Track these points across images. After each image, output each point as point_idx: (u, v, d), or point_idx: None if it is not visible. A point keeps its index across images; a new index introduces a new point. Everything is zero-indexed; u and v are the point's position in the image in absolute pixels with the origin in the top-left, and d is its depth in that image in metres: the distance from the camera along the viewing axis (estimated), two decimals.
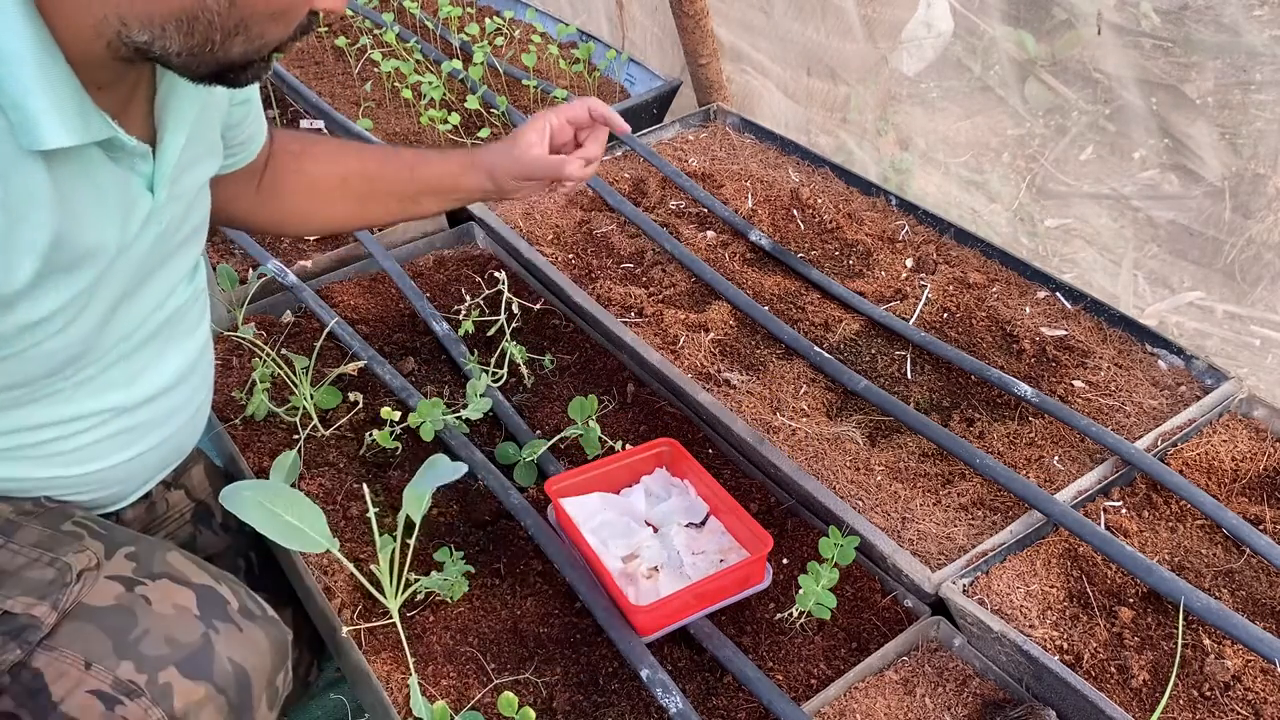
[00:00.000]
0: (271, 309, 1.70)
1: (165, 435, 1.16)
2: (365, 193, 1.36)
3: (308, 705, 1.43)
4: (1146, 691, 1.05)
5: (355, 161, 1.36)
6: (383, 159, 1.37)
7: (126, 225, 0.95)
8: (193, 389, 1.20)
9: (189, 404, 1.20)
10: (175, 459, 1.24)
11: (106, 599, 0.96)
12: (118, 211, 0.94)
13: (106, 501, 1.17)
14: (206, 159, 1.10)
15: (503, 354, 1.51)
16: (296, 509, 0.93)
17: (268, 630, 1.02)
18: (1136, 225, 1.96)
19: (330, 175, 1.36)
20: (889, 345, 1.52)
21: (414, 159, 1.37)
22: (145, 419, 1.12)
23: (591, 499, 1.28)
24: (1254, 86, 1.76)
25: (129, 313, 1.03)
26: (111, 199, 0.93)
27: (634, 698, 1.11)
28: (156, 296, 1.08)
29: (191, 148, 1.03)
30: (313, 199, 1.37)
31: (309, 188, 1.36)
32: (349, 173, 1.35)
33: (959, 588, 1.13)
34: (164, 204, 1.00)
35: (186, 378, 1.17)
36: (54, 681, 0.91)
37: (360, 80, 2.34)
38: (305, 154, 1.35)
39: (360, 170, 1.35)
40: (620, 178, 1.92)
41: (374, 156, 1.38)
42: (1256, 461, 1.28)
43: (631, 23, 2.44)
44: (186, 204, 1.07)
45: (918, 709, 1.07)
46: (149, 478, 1.21)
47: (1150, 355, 1.44)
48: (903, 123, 2.25)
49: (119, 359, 1.06)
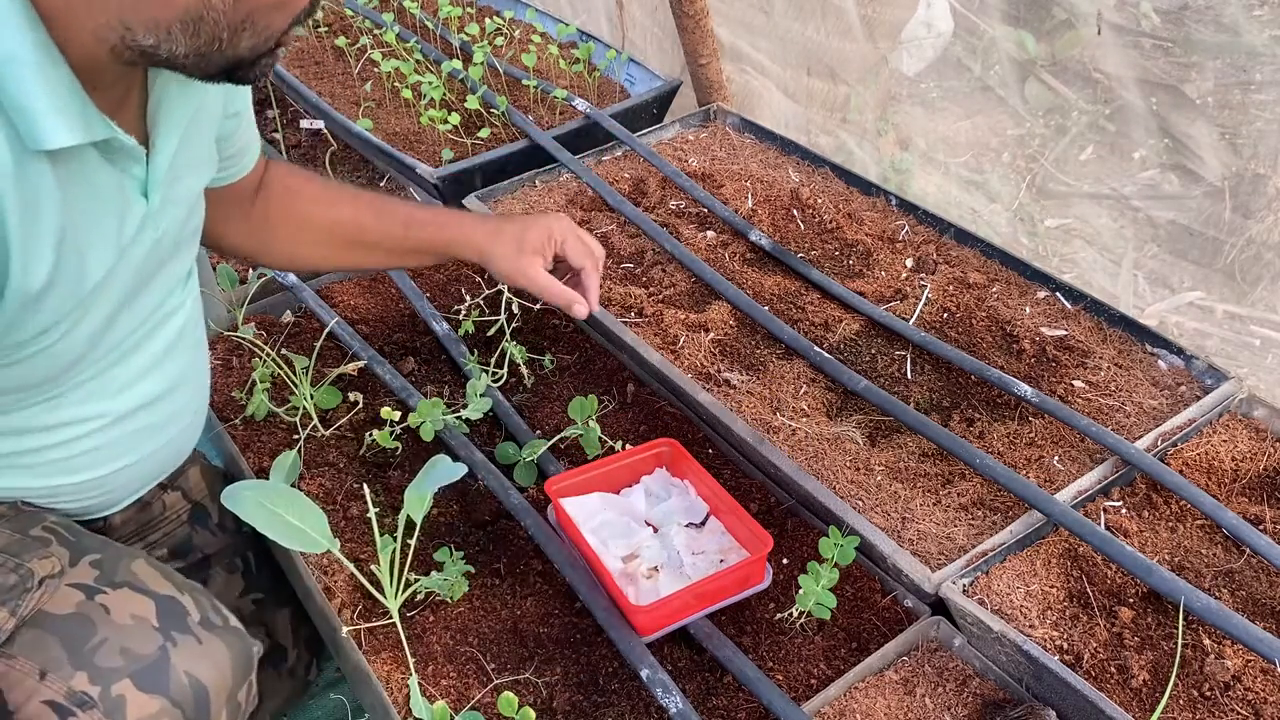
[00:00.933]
0: (271, 309, 1.70)
1: (160, 443, 1.16)
2: (353, 241, 1.37)
3: (308, 705, 1.43)
4: (1146, 691, 1.05)
5: (349, 209, 1.35)
6: (377, 212, 1.36)
7: (123, 228, 0.96)
8: (188, 396, 1.19)
9: (184, 411, 1.19)
10: (171, 465, 1.24)
11: (66, 607, 0.94)
12: (114, 214, 0.94)
13: (97, 509, 1.16)
14: (200, 168, 1.09)
15: (503, 354, 1.51)
16: (297, 509, 0.92)
17: (230, 643, 1.00)
18: (1136, 225, 1.96)
19: (323, 218, 1.35)
20: (889, 345, 1.52)
21: (408, 218, 1.36)
22: (140, 426, 1.12)
23: (591, 499, 1.28)
24: (1254, 86, 1.76)
25: (126, 318, 1.03)
26: (108, 202, 0.93)
27: (634, 698, 1.11)
28: (152, 301, 1.08)
29: (184, 154, 1.03)
30: (300, 237, 1.36)
31: (299, 225, 1.36)
32: (341, 219, 1.35)
33: (959, 588, 1.13)
34: (158, 208, 1.00)
35: (181, 385, 1.16)
36: (10, 690, 0.89)
37: (360, 80, 2.34)
38: (301, 192, 1.35)
39: (353, 219, 1.35)
40: (620, 178, 1.92)
41: (369, 207, 1.36)
42: (1256, 461, 1.28)
43: (631, 23, 2.44)
44: (182, 211, 1.06)
45: (918, 709, 1.07)
46: (144, 484, 1.21)
47: (1150, 355, 1.44)
48: (903, 123, 2.26)
49: (114, 364, 1.06)
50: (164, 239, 1.03)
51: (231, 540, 1.37)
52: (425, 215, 1.38)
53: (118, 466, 1.12)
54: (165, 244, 1.04)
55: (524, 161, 1.97)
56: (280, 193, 1.35)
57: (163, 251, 1.05)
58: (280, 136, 2.18)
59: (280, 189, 1.35)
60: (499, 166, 1.95)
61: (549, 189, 1.90)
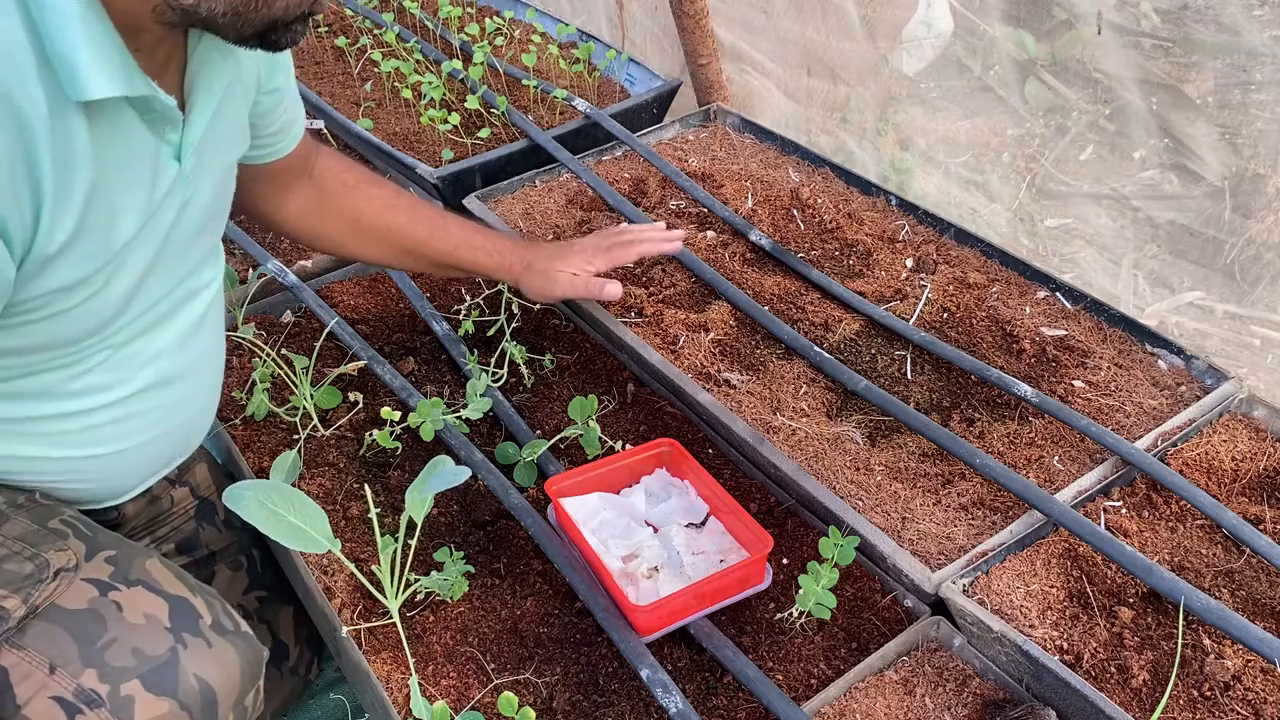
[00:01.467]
0: (271, 309, 1.70)
1: (173, 425, 1.17)
2: (404, 250, 1.43)
3: (307, 705, 1.43)
4: (1146, 691, 1.05)
5: (405, 220, 1.41)
6: (430, 229, 1.42)
7: (153, 191, 0.97)
8: (204, 382, 1.20)
9: (199, 396, 1.20)
10: (179, 454, 1.24)
11: (79, 602, 0.94)
12: (146, 175, 0.96)
13: (106, 495, 1.17)
14: (232, 143, 1.12)
15: (503, 354, 1.51)
16: (298, 509, 0.93)
17: (240, 648, 1.00)
18: (1136, 225, 1.96)
19: (378, 222, 1.41)
20: (889, 345, 1.52)
21: (458, 239, 1.43)
22: (157, 404, 1.12)
23: (591, 499, 1.28)
24: (1254, 86, 1.76)
25: (156, 284, 1.05)
26: (141, 162, 0.95)
27: (634, 698, 1.11)
28: (181, 271, 1.09)
29: (219, 124, 1.05)
30: (353, 235, 1.41)
31: (353, 223, 1.40)
32: (397, 227, 1.41)
33: (959, 588, 1.13)
34: (189, 175, 1.02)
35: (199, 369, 1.18)
36: (19, 683, 0.89)
37: (360, 80, 2.34)
38: (358, 191, 1.40)
39: (408, 230, 1.41)
40: (620, 178, 1.92)
41: (423, 223, 1.42)
42: (1256, 461, 1.28)
43: (631, 22, 2.44)
44: (213, 183, 1.08)
45: (918, 709, 1.07)
46: (152, 471, 1.21)
47: (1150, 355, 1.44)
48: (903, 123, 2.25)
49: (142, 333, 1.07)
50: (192, 206, 1.05)
51: (237, 537, 1.37)
52: (473, 237, 1.45)
53: (131, 444, 1.12)
54: (194, 212, 1.06)
55: (524, 161, 1.97)
56: (335, 186, 1.39)
57: (191, 219, 1.06)
58: None
59: (335, 183, 1.39)
60: (499, 166, 1.95)
61: (549, 189, 1.90)
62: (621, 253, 1.48)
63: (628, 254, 1.49)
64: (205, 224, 1.11)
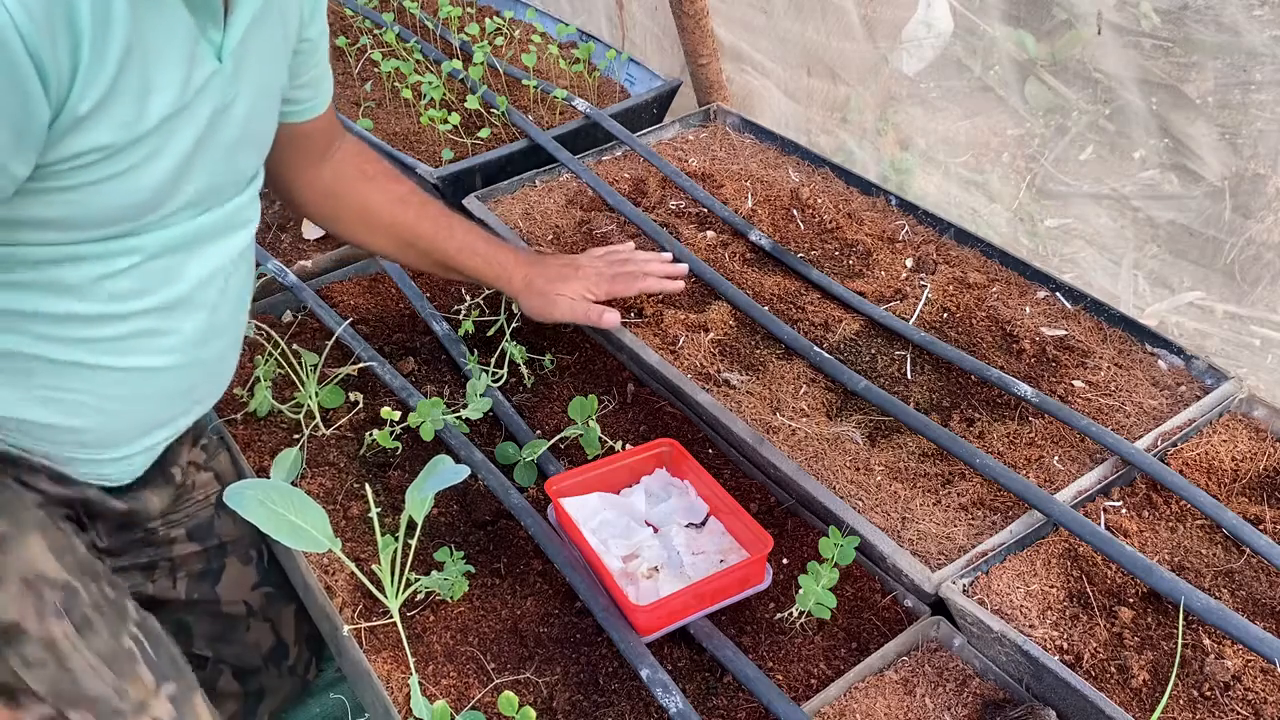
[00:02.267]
0: (271, 309, 1.70)
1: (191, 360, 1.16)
2: (407, 243, 1.47)
3: (307, 704, 1.43)
4: (1146, 691, 1.05)
5: (413, 216, 1.45)
6: (435, 228, 1.45)
7: (190, 77, 0.99)
8: (228, 327, 1.21)
9: (222, 339, 1.21)
10: (191, 408, 1.23)
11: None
12: (184, 59, 0.97)
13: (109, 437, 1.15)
14: (273, 63, 1.15)
15: (503, 354, 1.51)
16: (299, 508, 0.93)
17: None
18: (1136, 225, 1.96)
19: (385, 214, 1.45)
20: (889, 345, 1.52)
21: (461, 243, 1.46)
22: (178, 329, 1.13)
23: (591, 499, 1.28)
24: (1254, 86, 1.76)
25: (188, 188, 1.06)
26: (179, 45, 0.96)
27: (634, 698, 1.11)
28: (218, 185, 1.10)
29: (259, 37, 1.07)
30: (361, 223, 1.46)
31: (361, 210, 1.45)
32: (403, 222, 1.45)
33: (959, 588, 1.13)
34: (229, 77, 1.04)
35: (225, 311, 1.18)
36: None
37: (360, 80, 2.34)
38: (373, 182, 1.44)
39: (413, 226, 1.45)
40: (620, 178, 1.92)
41: (429, 220, 1.46)
42: (1256, 461, 1.28)
43: (631, 22, 2.44)
44: (252, 95, 1.09)
45: (918, 709, 1.07)
46: (157, 422, 1.20)
47: (1150, 355, 1.44)
48: (903, 123, 2.26)
49: (171, 247, 1.07)
50: (233, 112, 1.07)
51: (249, 530, 1.37)
52: (477, 244, 1.47)
53: (146, 365, 1.11)
54: (234, 119, 1.07)
55: (524, 161, 1.97)
56: (354, 174, 1.43)
57: (231, 127, 1.08)
58: None
59: (354, 170, 1.44)
60: (499, 166, 1.95)
61: (549, 189, 1.90)
62: (625, 285, 1.50)
63: (630, 288, 1.51)
64: (245, 138, 1.12)
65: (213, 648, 1.36)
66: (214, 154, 1.07)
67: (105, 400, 1.11)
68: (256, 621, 1.38)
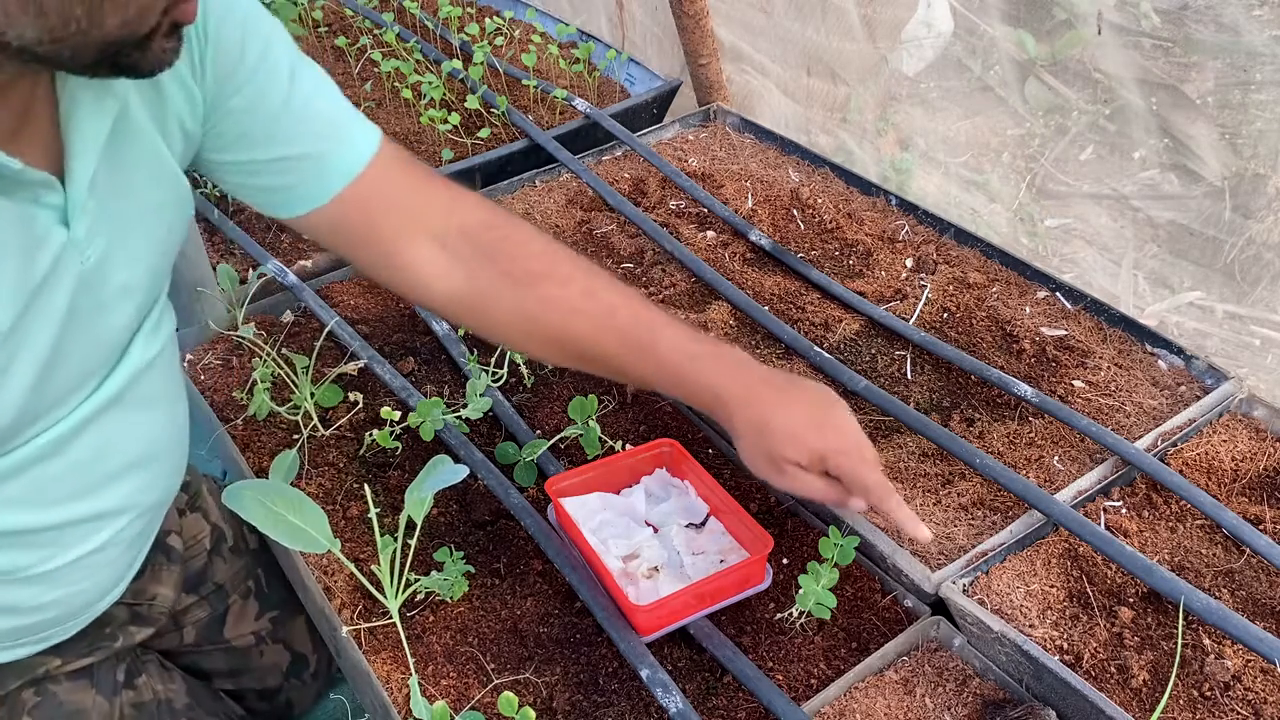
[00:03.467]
0: (271, 309, 1.70)
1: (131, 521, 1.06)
2: (582, 357, 1.11)
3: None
4: (1146, 691, 1.05)
5: (587, 329, 1.07)
6: (620, 345, 1.07)
7: (33, 264, 0.82)
8: (161, 468, 1.07)
9: (161, 479, 1.08)
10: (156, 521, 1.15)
11: None
12: (14, 255, 0.81)
13: (67, 617, 1.06)
14: (152, 183, 0.94)
15: (503, 354, 1.51)
16: (298, 509, 0.93)
17: None
18: (1136, 225, 1.96)
19: (551, 329, 1.08)
20: (889, 345, 1.52)
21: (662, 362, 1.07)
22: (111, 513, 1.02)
23: (591, 499, 1.28)
24: (1254, 86, 1.76)
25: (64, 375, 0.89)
26: (8, 237, 0.80)
27: (634, 698, 1.11)
28: (100, 356, 0.94)
29: (113, 172, 0.88)
30: (517, 335, 1.12)
31: (520, 325, 1.09)
32: (577, 338, 1.08)
33: (959, 588, 1.13)
34: (85, 238, 0.86)
35: (155, 455, 1.05)
36: None
37: (360, 80, 2.34)
38: (530, 287, 1.06)
39: (593, 343, 1.08)
40: (620, 178, 1.92)
41: (611, 338, 1.07)
42: (1256, 461, 1.28)
43: (631, 22, 2.44)
44: (130, 236, 0.92)
45: (918, 709, 1.07)
46: (120, 578, 1.11)
47: (1150, 355, 1.44)
48: (903, 123, 2.26)
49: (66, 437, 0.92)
50: (96, 273, 0.89)
51: (244, 562, 1.35)
52: (684, 360, 1.07)
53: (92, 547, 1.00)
54: (99, 279, 0.89)
55: (524, 161, 1.97)
56: (515, 275, 1.07)
57: (99, 289, 0.90)
58: None
59: (515, 270, 1.07)
60: (499, 166, 1.95)
61: (549, 189, 1.90)
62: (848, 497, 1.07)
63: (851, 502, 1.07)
64: (125, 292, 0.93)
65: (232, 681, 1.35)
66: (87, 331, 0.89)
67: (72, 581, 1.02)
68: (269, 645, 1.36)
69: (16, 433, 0.87)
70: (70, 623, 1.07)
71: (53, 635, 1.06)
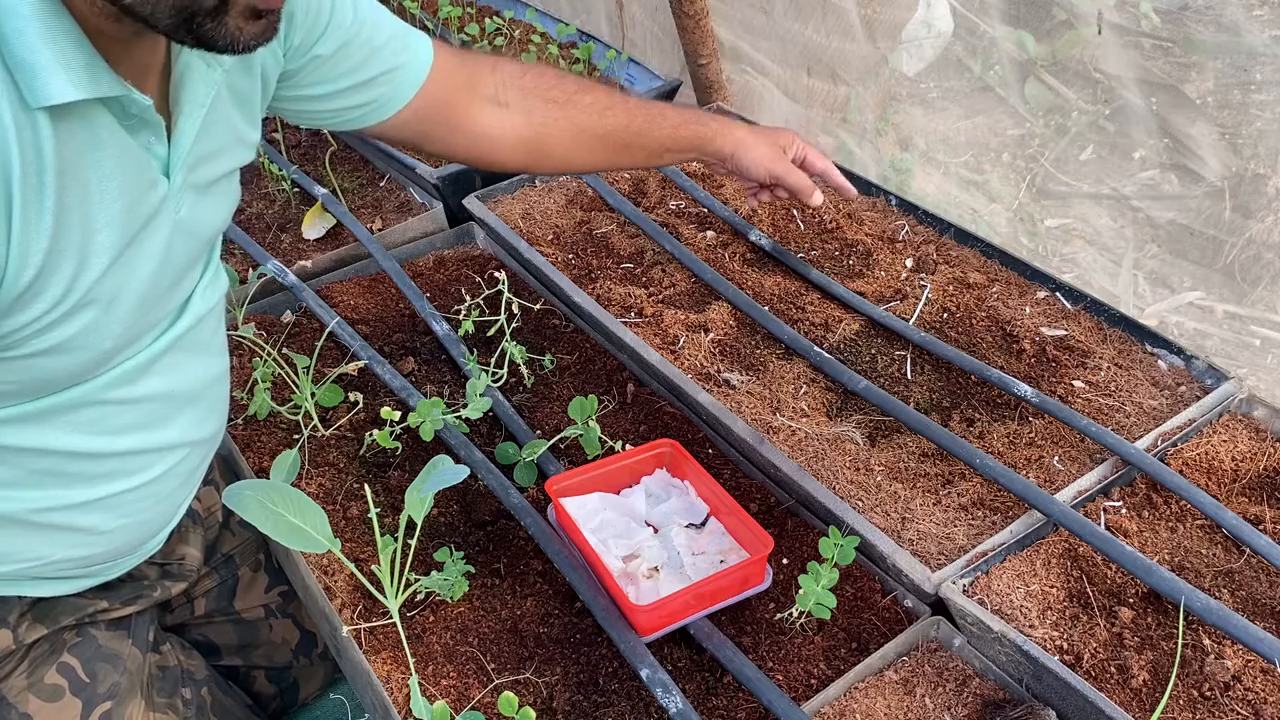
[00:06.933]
0: (271, 309, 1.70)
1: (186, 456, 1.14)
2: (624, 145, 1.39)
3: (308, 705, 1.43)
4: (1146, 691, 1.05)
5: (623, 117, 1.37)
6: (648, 118, 1.38)
7: (142, 203, 0.92)
8: (210, 408, 1.16)
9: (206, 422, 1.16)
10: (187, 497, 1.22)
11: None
12: (129, 189, 0.89)
13: (127, 549, 1.15)
14: (230, 150, 1.06)
15: (503, 354, 1.51)
16: (298, 509, 0.92)
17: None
18: (1136, 225, 1.96)
19: (598, 126, 1.36)
20: (889, 345, 1.52)
21: (677, 120, 1.40)
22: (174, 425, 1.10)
23: (591, 499, 1.28)
24: (1254, 86, 1.76)
25: (147, 315, 0.99)
26: (124, 174, 0.88)
27: (634, 698, 1.11)
28: (175, 299, 1.04)
29: (208, 136, 0.99)
30: (576, 147, 1.37)
31: (575, 136, 1.35)
32: (616, 127, 1.37)
33: (959, 588, 1.13)
34: (180, 191, 0.97)
35: (206, 396, 1.14)
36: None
37: None
38: (570, 103, 1.34)
39: (627, 125, 1.37)
40: (620, 177, 1.92)
41: (640, 114, 1.38)
42: (1256, 461, 1.28)
43: (631, 22, 2.44)
44: (207, 198, 1.03)
45: (918, 709, 1.07)
46: (173, 515, 1.19)
47: (1150, 355, 1.44)
48: (903, 123, 2.25)
49: (132, 376, 1.02)
50: (185, 224, 1.00)
51: (252, 535, 1.37)
52: (686, 112, 1.43)
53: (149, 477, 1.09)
54: (186, 231, 1.01)
55: None
56: (552, 111, 1.33)
57: (191, 244, 1.02)
58: (280, 136, 2.18)
59: (544, 103, 1.33)
60: None
61: (549, 189, 1.90)
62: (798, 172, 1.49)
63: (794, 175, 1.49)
64: (204, 244, 1.06)
65: (241, 655, 1.36)
66: (171, 274, 1.00)
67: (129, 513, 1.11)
68: (277, 620, 1.39)
69: (110, 358, 0.97)
70: (126, 558, 1.15)
71: (109, 569, 1.16)
